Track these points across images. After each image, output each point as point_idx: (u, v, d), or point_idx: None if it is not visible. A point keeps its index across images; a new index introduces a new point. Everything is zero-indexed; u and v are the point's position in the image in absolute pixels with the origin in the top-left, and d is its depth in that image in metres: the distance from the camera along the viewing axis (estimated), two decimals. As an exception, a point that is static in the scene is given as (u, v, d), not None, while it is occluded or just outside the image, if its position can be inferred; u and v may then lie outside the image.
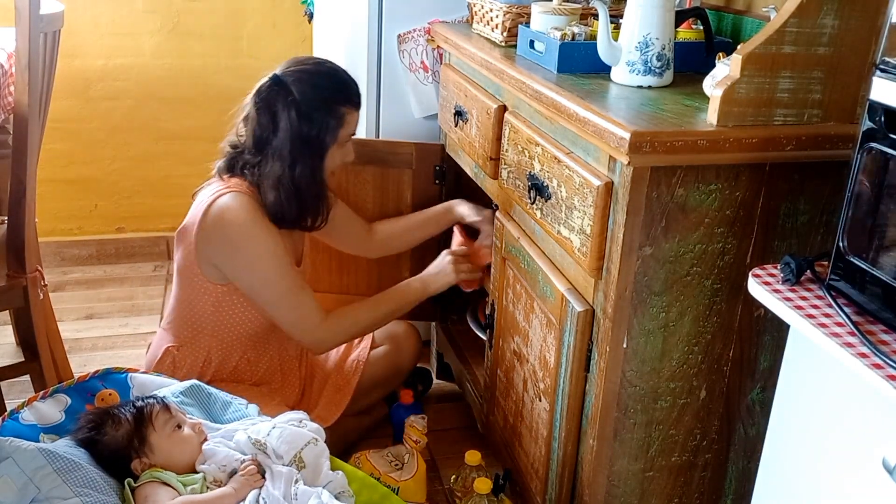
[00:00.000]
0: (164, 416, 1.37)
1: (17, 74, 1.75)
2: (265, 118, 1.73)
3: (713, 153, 1.23)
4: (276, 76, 1.76)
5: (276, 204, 1.74)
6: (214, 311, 1.79)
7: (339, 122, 1.76)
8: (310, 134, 1.73)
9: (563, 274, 1.48)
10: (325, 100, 1.74)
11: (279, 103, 1.72)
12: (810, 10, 1.22)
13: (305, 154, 1.74)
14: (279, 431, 1.38)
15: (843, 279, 1.03)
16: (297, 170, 1.73)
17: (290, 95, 1.72)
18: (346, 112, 1.77)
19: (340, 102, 1.76)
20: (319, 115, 1.73)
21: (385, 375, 2.09)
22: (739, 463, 1.51)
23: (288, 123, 1.71)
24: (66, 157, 2.97)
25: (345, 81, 1.80)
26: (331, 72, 1.80)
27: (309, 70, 1.77)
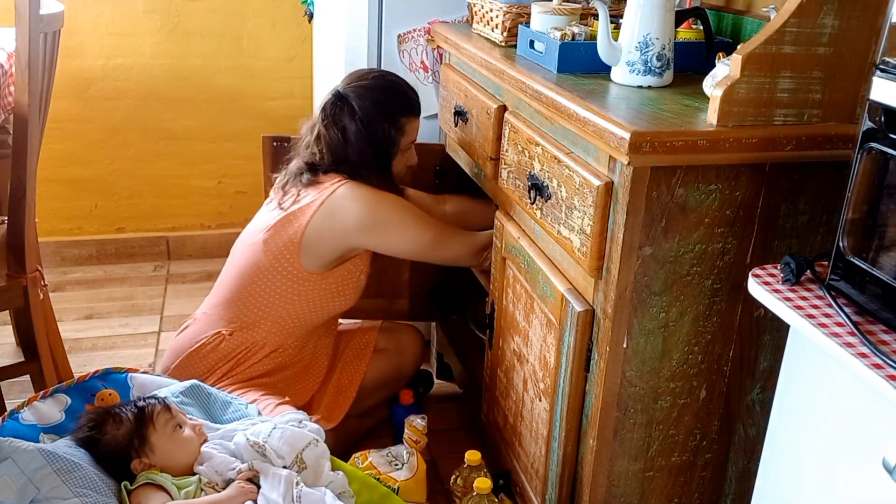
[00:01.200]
0: (165, 417, 1.37)
1: (17, 74, 1.75)
2: (334, 133, 1.87)
3: (713, 153, 1.23)
4: (338, 92, 1.88)
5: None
6: (295, 299, 1.86)
7: (399, 132, 1.89)
8: (375, 145, 1.86)
9: (563, 274, 1.48)
10: (386, 113, 1.86)
11: (345, 119, 1.85)
12: (810, 10, 1.22)
13: (378, 163, 1.87)
14: (280, 433, 1.38)
15: (843, 279, 1.03)
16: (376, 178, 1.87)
17: (353, 110, 1.85)
18: (406, 122, 1.90)
19: (400, 113, 1.89)
20: (382, 127, 1.86)
21: (387, 378, 2.10)
22: (739, 463, 1.51)
23: (357, 135, 1.85)
24: (66, 157, 2.97)
25: (403, 93, 1.92)
26: (390, 84, 1.92)
27: (368, 84, 1.89)
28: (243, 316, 1.88)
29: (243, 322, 1.87)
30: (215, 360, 1.84)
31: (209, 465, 1.34)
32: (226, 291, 1.91)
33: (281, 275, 1.85)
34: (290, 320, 1.89)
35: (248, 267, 1.87)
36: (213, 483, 1.33)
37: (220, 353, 1.85)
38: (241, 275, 1.89)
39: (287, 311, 1.88)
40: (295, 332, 1.91)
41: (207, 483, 1.33)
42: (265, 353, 1.88)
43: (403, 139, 1.91)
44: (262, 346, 1.88)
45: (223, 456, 1.36)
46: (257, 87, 3.07)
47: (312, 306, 1.89)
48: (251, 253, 1.87)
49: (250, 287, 1.87)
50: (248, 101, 3.07)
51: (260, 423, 1.44)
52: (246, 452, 1.36)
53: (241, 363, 1.86)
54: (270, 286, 1.86)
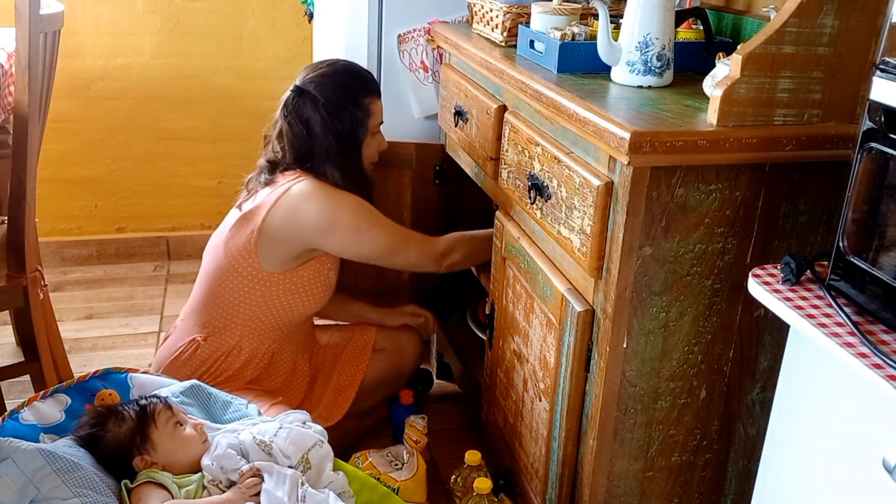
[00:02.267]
0: (167, 415, 1.38)
1: (17, 74, 1.75)
2: (298, 128, 1.82)
3: (713, 153, 1.23)
4: (297, 87, 1.85)
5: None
6: (258, 300, 1.84)
7: (366, 113, 1.86)
8: (343, 130, 1.83)
9: (563, 274, 1.48)
10: (350, 95, 1.83)
11: (308, 110, 1.82)
12: (810, 10, 1.22)
13: (347, 150, 1.84)
14: (286, 432, 1.38)
15: (843, 279, 1.03)
16: (347, 167, 1.84)
17: (315, 100, 1.81)
18: (371, 102, 1.87)
19: (363, 94, 1.86)
20: (348, 111, 1.83)
21: (387, 378, 2.10)
22: (739, 463, 1.51)
23: (323, 127, 1.81)
24: (66, 157, 2.97)
25: (361, 74, 1.90)
26: (347, 68, 1.89)
27: (326, 72, 1.86)
28: (215, 320, 1.86)
29: (215, 326, 1.86)
30: (194, 367, 1.82)
31: (215, 459, 1.34)
32: (198, 297, 1.90)
33: (242, 276, 1.82)
34: (260, 322, 1.86)
35: (213, 270, 1.86)
36: (217, 481, 1.33)
37: (197, 359, 1.83)
38: (208, 279, 1.87)
39: (254, 312, 1.85)
40: (268, 333, 1.88)
41: (211, 481, 1.33)
42: (244, 358, 1.85)
43: (371, 120, 1.87)
44: (238, 349, 1.85)
45: (230, 453, 1.35)
46: (257, 87, 3.07)
47: (280, 306, 1.86)
48: (214, 256, 1.86)
49: (217, 290, 1.85)
50: (248, 101, 3.07)
51: (265, 423, 1.44)
52: (252, 451, 1.36)
53: (221, 367, 1.84)
54: (234, 288, 1.83)
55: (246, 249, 1.80)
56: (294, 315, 1.89)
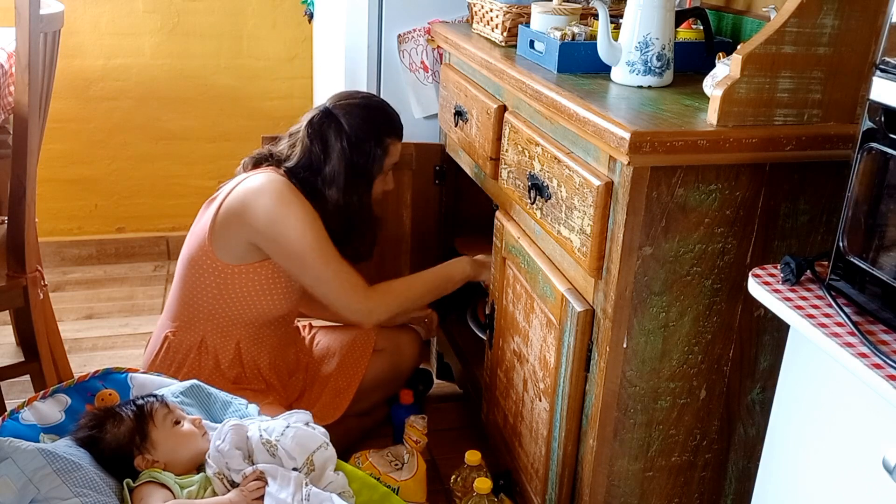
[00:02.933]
0: (164, 412, 1.38)
1: (17, 74, 1.75)
2: (318, 147, 1.83)
3: (713, 153, 1.23)
4: (326, 109, 1.86)
5: (335, 230, 1.82)
6: (217, 294, 1.79)
7: (384, 152, 1.87)
8: (359, 163, 1.84)
9: (563, 274, 1.48)
10: (374, 131, 1.85)
11: (331, 134, 1.83)
12: (810, 10, 1.22)
13: (356, 182, 1.84)
14: (293, 432, 1.37)
15: (843, 279, 1.03)
16: (351, 197, 1.84)
17: (340, 126, 1.83)
18: (392, 142, 1.89)
19: (387, 134, 1.88)
20: (368, 145, 1.84)
21: (386, 378, 2.10)
22: (739, 463, 1.51)
23: (341, 153, 1.82)
24: (66, 157, 2.97)
25: (390, 114, 1.92)
26: (378, 105, 1.92)
27: (359, 104, 1.88)
28: (182, 314, 1.83)
29: (182, 320, 1.83)
30: (170, 364, 1.80)
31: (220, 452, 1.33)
32: (172, 290, 1.89)
33: (201, 266, 1.78)
34: (222, 317, 1.81)
35: (181, 260, 1.84)
36: (222, 474, 1.33)
37: (171, 356, 1.81)
38: (178, 270, 1.86)
39: (213, 306, 1.80)
40: (232, 330, 1.82)
41: (217, 473, 1.32)
42: (213, 354, 1.82)
43: (387, 160, 1.89)
44: (203, 344, 1.82)
45: (236, 452, 1.34)
46: (257, 87, 3.07)
47: (240, 302, 1.80)
48: (185, 246, 1.85)
49: (182, 282, 1.83)
50: (248, 101, 3.08)
51: (271, 421, 1.43)
52: (257, 450, 1.34)
53: (195, 364, 1.80)
54: (195, 279, 1.79)
55: (203, 237, 1.77)
56: (257, 313, 1.83)
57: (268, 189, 1.75)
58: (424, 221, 2.24)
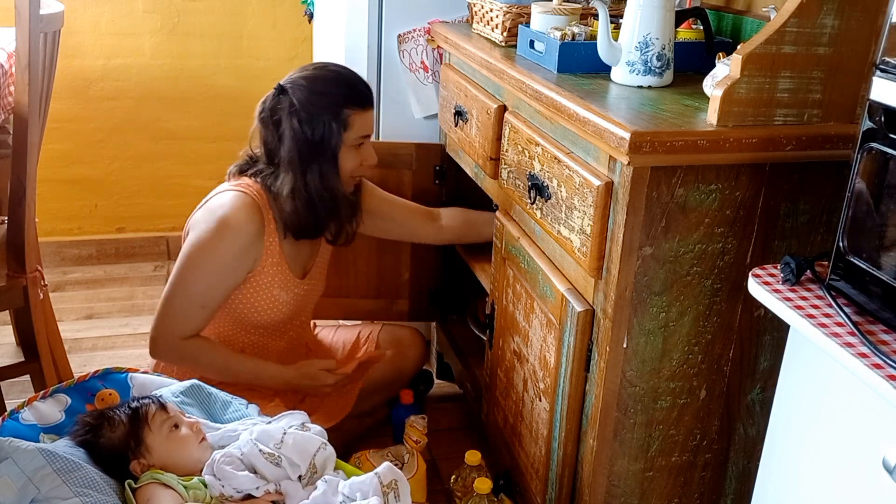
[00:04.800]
0: (161, 417, 1.35)
1: (17, 74, 1.75)
2: (270, 129, 1.75)
3: (713, 153, 1.23)
4: (279, 86, 1.76)
5: (293, 214, 1.75)
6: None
7: (343, 125, 1.74)
8: (314, 139, 1.72)
9: (563, 274, 1.48)
10: (327, 103, 1.72)
11: (282, 112, 1.72)
12: (810, 10, 1.22)
13: (315, 161, 1.73)
14: (291, 439, 1.36)
15: (843, 279, 1.03)
16: (308, 178, 1.73)
17: (291, 103, 1.71)
18: (352, 114, 1.75)
19: (343, 104, 1.74)
20: (322, 119, 1.72)
21: (388, 379, 2.10)
22: (739, 463, 1.51)
23: (291, 132, 1.71)
24: (66, 157, 2.97)
25: (349, 83, 1.78)
26: (333, 75, 1.78)
27: (310, 76, 1.75)
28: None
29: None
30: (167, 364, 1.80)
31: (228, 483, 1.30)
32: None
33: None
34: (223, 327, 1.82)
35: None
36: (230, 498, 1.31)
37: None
38: None
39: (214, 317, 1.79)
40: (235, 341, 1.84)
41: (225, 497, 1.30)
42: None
43: (348, 134, 1.75)
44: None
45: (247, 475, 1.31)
46: (257, 87, 3.04)
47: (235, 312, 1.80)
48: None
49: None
50: (249, 101, 3.02)
51: (263, 425, 1.42)
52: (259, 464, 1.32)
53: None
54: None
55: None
56: (256, 321, 1.83)
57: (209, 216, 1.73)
58: (424, 221, 2.24)
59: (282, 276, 1.82)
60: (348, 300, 2.24)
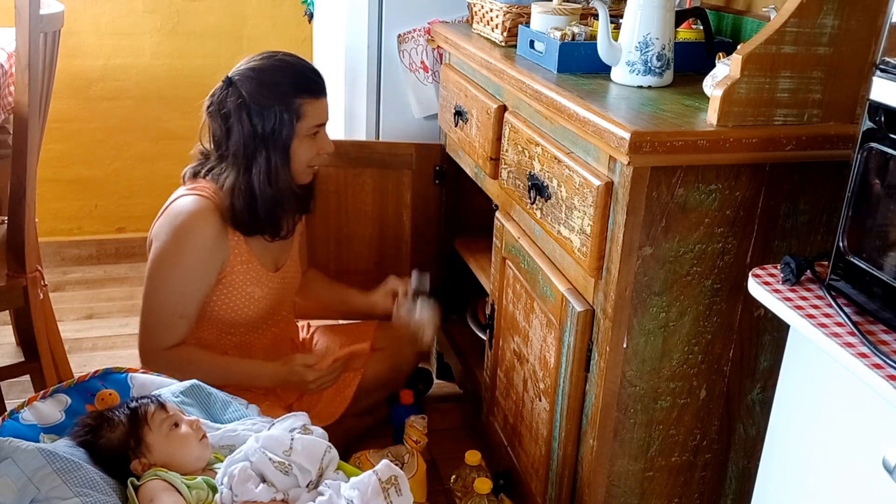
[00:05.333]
0: (161, 416, 1.35)
1: (17, 74, 1.75)
2: (217, 122, 1.71)
3: (713, 153, 1.23)
4: (227, 78, 1.71)
5: (231, 210, 1.71)
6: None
7: (295, 115, 1.69)
8: (264, 132, 1.67)
9: (563, 274, 1.48)
10: (277, 94, 1.67)
11: (230, 105, 1.68)
12: (810, 10, 1.22)
13: (262, 154, 1.69)
14: (300, 444, 1.35)
15: (843, 279, 1.03)
16: (253, 172, 1.69)
17: (239, 96, 1.67)
18: (303, 103, 1.70)
19: (294, 94, 1.69)
20: (272, 110, 1.67)
21: (386, 377, 2.09)
22: (739, 463, 1.51)
23: (240, 125, 1.67)
24: (66, 157, 2.97)
25: (298, 71, 1.72)
26: (282, 64, 1.72)
27: (257, 66, 1.71)
28: None
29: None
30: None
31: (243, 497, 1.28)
32: None
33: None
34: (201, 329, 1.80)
35: None
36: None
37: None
38: None
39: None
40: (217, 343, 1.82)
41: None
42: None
43: (301, 123, 1.69)
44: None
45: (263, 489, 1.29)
46: (257, 87, 3.06)
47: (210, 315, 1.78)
48: None
49: None
50: None
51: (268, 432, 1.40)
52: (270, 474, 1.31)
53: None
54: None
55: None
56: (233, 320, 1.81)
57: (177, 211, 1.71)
58: (424, 221, 2.24)
59: (253, 272, 1.80)
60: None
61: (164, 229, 1.73)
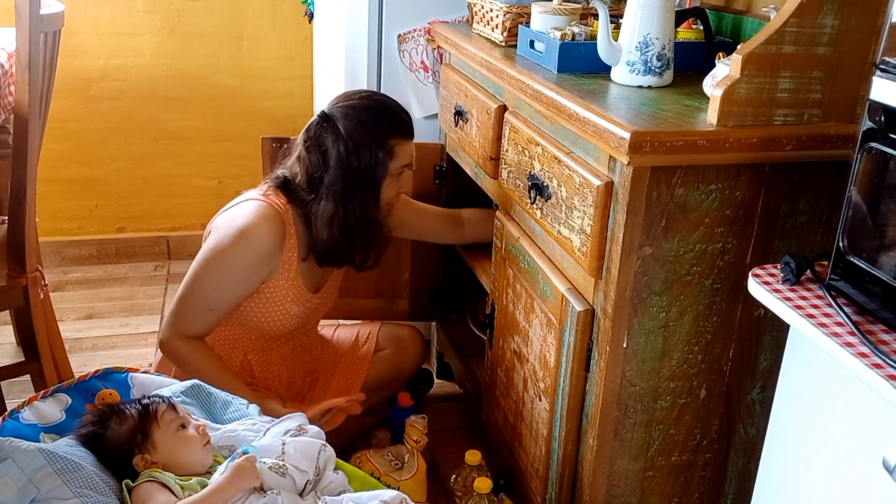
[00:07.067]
0: (170, 415, 1.37)
1: (17, 74, 1.75)
2: (315, 156, 1.75)
3: (713, 153, 1.24)
4: (323, 113, 1.76)
5: (328, 241, 1.76)
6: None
7: (389, 155, 1.75)
8: (360, 169, 1.73)
9: (563, 274, 1.48)
10: (373, 133, 1.73)
11: (328, 141, 1.73)
12: (810, 10, 1.22)
13: (357, 190, 1.74)
14: (293, 446, 1.36)
15: (843, 279, 1.03)
16: (350, 206, 1.74)
17: (337, 132, 1.72)
18: (396, 143, 1.76)
19: (389, 134, 1.75)
20: (368, 149, 1.73)
21: (388, 378, 2.09)
22: (739, 463, 1.51)
23: (338, 160, 1.72)
24: (66, 157, 2.97)
25: (394, 112, 1.79)
26: (378, 104, 1.79)
27: (355, 105, 1.76)
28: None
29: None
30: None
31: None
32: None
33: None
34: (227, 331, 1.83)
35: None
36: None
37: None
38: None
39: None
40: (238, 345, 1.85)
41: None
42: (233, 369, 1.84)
43: (393, 163, 1.76)
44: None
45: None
46: (257, 87, 3.07)
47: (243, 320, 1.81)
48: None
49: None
50: (249, 101, 3.07)
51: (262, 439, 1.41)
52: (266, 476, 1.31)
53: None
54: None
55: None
56: (263, 330, 1.84)
57: (232, 223, 1.74)
58: (424, 221, 2.24)
59: (296, 290, 1.82)
60: (349, 300, 2.24)
61: (224, 224, 1.76)
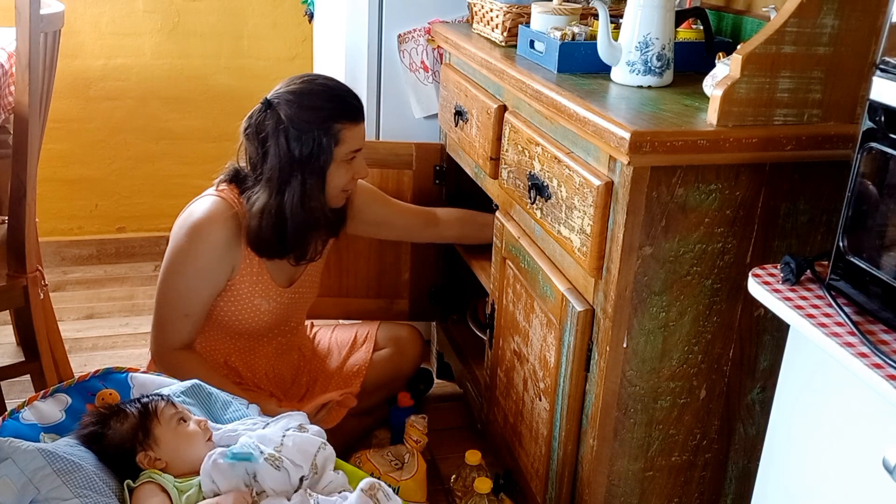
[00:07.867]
0: (170, 411, 1.38)
1: (17, 74, 1.75)
2: (254, 146, 1.70)
3: (713, 153, 1.24)
4: (266, 100, 1.70)
5: (256, 232, 1.70)
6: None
7: (334, 140, 1.68)
8: (302, 156, 1.66)
9: (563, 274, 1.48)
10: (317, 118, 1.67)
11: (268, 129, 1.67)
12: (810, 10, 1.22)
13: (297, 178, 1.68)
14: (291, 441, 1.36)
15: (843, 279, 1.03)
16: (286, 197, 1.68)
17: (278, 119, 1.66)
18: (342, 128, 1.69)
19: (333, 119, 1.68)
20: (311, 135, 1.66)
21: (388, 378, 2.09)
22: (739, 463, 1.51)
23: (277, 149, 1.66)
24: (66, 157, 2.97)
25: (338, 96, 1.71)
26: (322, 88, 1.71)
27: (298, 90, 1.69)
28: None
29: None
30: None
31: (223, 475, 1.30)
32: None
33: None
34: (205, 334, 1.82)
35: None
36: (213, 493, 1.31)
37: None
38: None
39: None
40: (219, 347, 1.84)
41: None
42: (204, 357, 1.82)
43: (339, 149, 1.69)
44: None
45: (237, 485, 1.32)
46: (258, 87, 3.04)
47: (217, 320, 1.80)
48: None
49: None
50: (249, 101, 3.01)
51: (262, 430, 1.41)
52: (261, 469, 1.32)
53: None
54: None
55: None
56: (240, 328, 1.82)
57: (186, 221, 1.73)
58: (424, 221, 2.24)
59: (262, 285, 1.80)
60: (348, 300, 2.24)
61: (179, 226, 1.75)
